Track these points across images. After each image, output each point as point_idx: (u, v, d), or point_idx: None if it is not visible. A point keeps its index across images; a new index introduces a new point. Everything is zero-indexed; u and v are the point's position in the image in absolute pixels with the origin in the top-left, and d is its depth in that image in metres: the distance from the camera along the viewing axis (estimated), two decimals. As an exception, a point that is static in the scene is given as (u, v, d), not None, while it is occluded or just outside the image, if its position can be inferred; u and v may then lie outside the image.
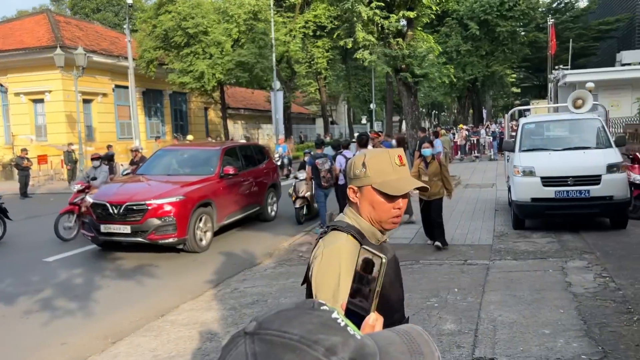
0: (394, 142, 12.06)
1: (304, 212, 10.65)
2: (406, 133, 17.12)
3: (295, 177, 11.07)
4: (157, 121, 27.12)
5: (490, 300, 5.59)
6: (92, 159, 10.81)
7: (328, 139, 26.21)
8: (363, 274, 0.90)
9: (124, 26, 21.51)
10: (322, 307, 0.63)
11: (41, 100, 21.84)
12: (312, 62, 33.24)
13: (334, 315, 0.62)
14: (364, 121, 57.29)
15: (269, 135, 36.31)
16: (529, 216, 8.94)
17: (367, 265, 0.90)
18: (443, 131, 23.76)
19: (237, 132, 34.46)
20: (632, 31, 44.74)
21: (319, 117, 45.20)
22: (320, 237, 1.76)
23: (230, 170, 9.54)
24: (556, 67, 27.96)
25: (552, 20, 29.21)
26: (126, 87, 21.85)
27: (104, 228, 8.30)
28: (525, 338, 4.58)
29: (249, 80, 23.92)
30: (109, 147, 17.76)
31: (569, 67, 28.14)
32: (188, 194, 8.54)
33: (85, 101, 21.93)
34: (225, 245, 9.17)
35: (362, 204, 1.75)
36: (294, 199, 10.63)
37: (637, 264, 6.60)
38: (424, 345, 0.66)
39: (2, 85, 22.54)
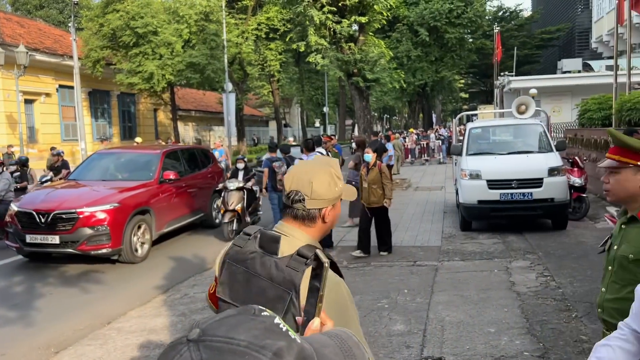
0: (354, 144, 12.25)
1: (233, 227, 9.33)
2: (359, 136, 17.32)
3: (225, 187, 9.71)
4: (104, 122, 26.30)
5: (439, 300, 5.74)
6: None
7: (291, 141, 25.86)
8: (313, 281, 0.91)
9: (69, 24, 20.74)
10: (263, 313, 0.64)
11: (-21, 100, 20.77)
12: (264, 65, 33.11)
13: (276, 320, 0.64)
14: (317, 124, 57.56)
15: (220, 138, 35.88)
16: (476, 218, 9.23)
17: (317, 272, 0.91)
18: (396, 135, 24.19)
19: (188, 134, 33.88)
20: (572, 40, 46.97)
21: (272, 119, 45.10)
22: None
23: (171, 175, 9.07)
24: (502, 73, 29.01)
25: (498, 28, 30.25)
26: (71, 87, 21.07)
27: (29, 238, 7.65)
28: (471, 337, 4.72)
29: (200, 81, 23.57)
30: (52, 149, 17.07)
31: (514, 73, 29.27)
32: (123, 200, 8.03)
33: (27, 101, 21.00)
34: (175, 250, 9.00)
35: (331, 219, 1.69)
36: (222, 211, 9.59)
37: (576, 263, 6.93)
38: (355, 347, 0.68)
39: None
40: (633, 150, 2.09)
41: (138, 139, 21.67)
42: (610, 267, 2.22)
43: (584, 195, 9.56)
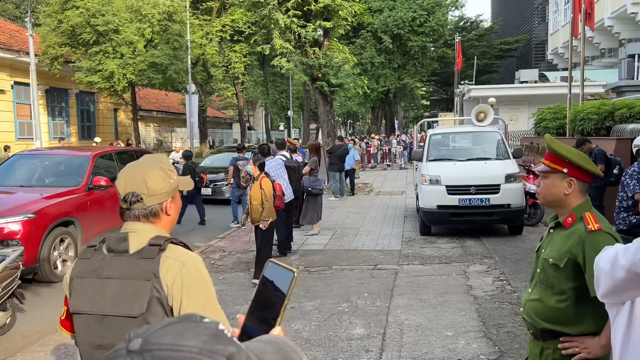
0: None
1: None
2: (322, 140, 17.39)
3: None
4: (61, 121, 25.51)
5: (398, 304, 5.80)
6: None
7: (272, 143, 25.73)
8: (267, 290, 0.89)
9: (26, 19, 20.06)
10: (205, 320, 0.62)
11: None
12: (229, 67, 32.85)
13: (220, 326, 0.62)
14: (281, 127, 57.44)
15: (182, 139, 35.37)
16: (435, 222, 9.39)
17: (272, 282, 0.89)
18: (356, 140, 24.41)
19: (149, 135, 33.25)
20: (529, 51, 48.52)
21: (236, 122, 44.74)
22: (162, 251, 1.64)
23: (102, 180, 8.03)
24: (462, 82, 29.68)
25: (459, 37, 30.97)
26: (27, 85, 20.36)
27: None
28: (429, 340, 4.79)
29: (162, 82, 23.16)
30: (6, 148, 16.47)
31: (474, 82, 29.98)
32: (41, 210, 6.97)
33: (-21, 98, 20.22)
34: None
35: (174, 211, 1.77)
36: None
37: (531, 268, 7.12)
38: (292, 352, 0.68)
39: None
40: (561, 158, 2.19)
41: (97, 139, 21.13)
42: (538, 270, 2.32)
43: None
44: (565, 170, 2.19)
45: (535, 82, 27.97)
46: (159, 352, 0.55)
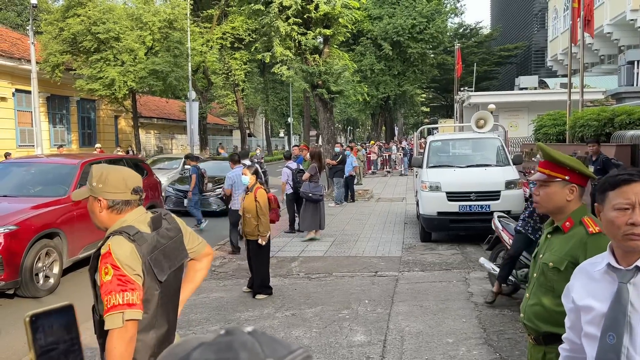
0: (308, 155, 12.25)
1: None
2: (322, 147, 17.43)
3: None
4: (62, 129, 25.57)
5: (399, 311, 5.80)
6: None
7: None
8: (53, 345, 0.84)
9: (27, 27, 20.16)
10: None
11: None
12: (229, 74, 32.94)
13: None
14: (281, 134, 57.55)
15: (183, 146, 35.42)
16: (435, 229, 9.39)
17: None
18: (359, 146, 24.44)
19: (150, 142, 33.30)
20: (528, 58, 48.68)
21: (236, 129, 44.81)
22: None
23: None
24: (462, 88, 29.78)
25: (459, 44, 31.10)
26: (28, 92, 20.43)
27: None
28: (430, 347, 4.79)
29: (163, 89, 23.23)
30: (7, 155, 16.49)
31: (473, 89, 30.08)
32: (24, 222, 6.60)
33: (-20, 105, 20.28)
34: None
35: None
36: None
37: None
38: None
39: None
40: (561, 165, 2.21)
41: (98, 146, 21.14)
42: (535, 275, 2.33)
43: (539, 208, 9.86)
44: (567, 178, 2.21)
45: (535, 88, 28.06)
46: (264, 337, 0.63)
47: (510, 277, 5.81)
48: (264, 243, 6.39)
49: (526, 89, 27.89)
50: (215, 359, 0.59)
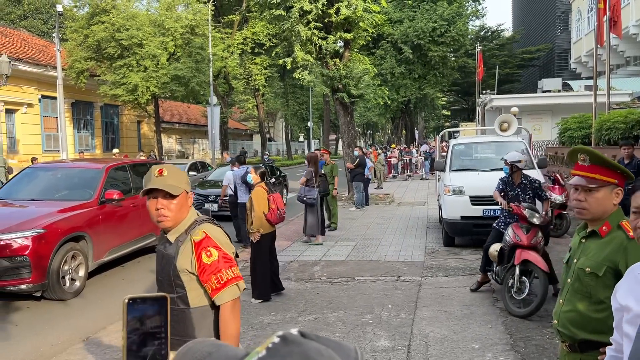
0: (326, 156, 12.30)
1: None
2: (342, 151, 17.42)
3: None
4: (86, 134, 26.03)
5: (423, 316, 5.73)
6: None
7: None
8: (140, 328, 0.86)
9: (53, 35, 20.59)
10: None
11: (-43, 109, 20.44)
12: (250, 79, 33.21)
13: None
14: (301, 139, 57.72)
15: (204, 151, 35.78)
16: (459, 233, 9.27)
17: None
18: (379, 150, 24.34)
19: (172, 146, 33.69)
20: (551, 60, 48.01)
21: (257, 133, 45.09)
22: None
23: (114, 194, 7.78)
24: (483, 91, 29.50)
25: (480, 47, 30.83)
26: (54, 98, 20.86)
27: None
28: (455, 353, 4.72)
29: (184, 94, 23.51)
30: (33, 160, 16.83)
31: (495, 92, 29.75)
32: (50, 225, 6.68)
33: (8, 111, 20.72)
34: (153, 264, 8.86)
35: None
36: None
37: (558, 279, 6.99)
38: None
39: None
40: (612, 169, 2.14)
41: (116, 150, 21.46)
42: (568, 280, 2.26)
43: (565, 212, 9.69)
44: (616, 182, 2.14)
45: (559, 91, 27.64)
46: (325, 340, 0.60)
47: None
48: (254, 240, 6.53)
49: (549, 91, 27.48)
50: None
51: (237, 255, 2.30)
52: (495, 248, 6.25)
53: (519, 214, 6.03)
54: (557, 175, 10.22)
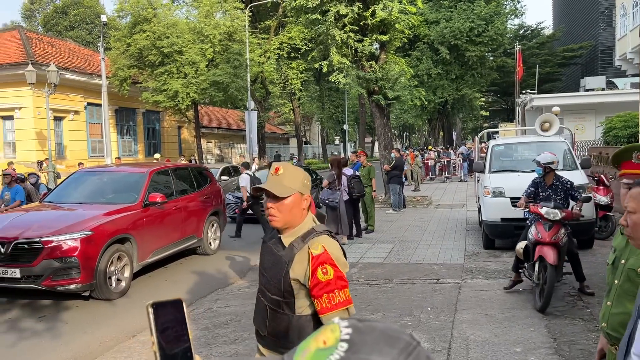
0: (363, 158, 12.26)
1: None
2: (379, 153, 17.37)
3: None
4: (129, 139, 26.83)
5: (463, 318, 5.68)
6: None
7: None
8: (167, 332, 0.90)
9: (98, 44, 21.35)
10: None
11: (11, 117, 21.40)
12: (286, 83, 33.51)
13: None
14: (337, 142, 57.77)
15: (242, 155, 36.24)
16: (499, 236, 9.12)
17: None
18: (416, 152, 24.15)
19: (211, 151, 34.30)
20: (594, 58, 46.57)
21: (293, 137, 45.42)
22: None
23: (158, 197, 8.02)
24: (523, 91, 28.86)
25: (519, 46, 30.19)
26: (99, 105, 21.62)
27: None
28: (497, 356, 4.66)
29: (223, 99, 23.95)
30: (79, 165, 17.48)
31: (536, 91, 29.07)
32: (97, 228, 6.95)
33: (57, 118, 21.58)
34: (197, 265, 9.08)
35: None
36: None
37: (604, 282, 6.79)
38: None
39: (-31, 101, 22.00)
40: None
41: (157, 156, 22.02)
42: (616, 281, 2.21)
43: (611, 213, 9.40)
44: None
45: (603, 89, 26.81)
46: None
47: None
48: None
49: (593, 90, 26.68)
50: None
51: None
52: (520, 246, 6.30)
53: (536, 213, 6.12)
54: (602, 175, 9.92)
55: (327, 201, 9.92)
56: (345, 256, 2.17)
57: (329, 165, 10.81)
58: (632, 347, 1.66)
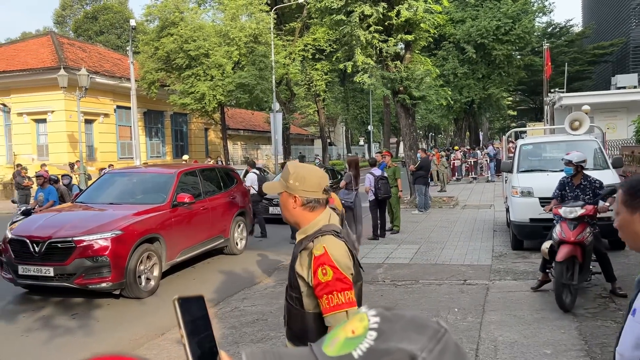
0: (388, 158, 12.23)
1: None
2: (403, 154, 17.28)
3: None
4: (157, 141, 27.28)
5: (491, 320, 5.62)
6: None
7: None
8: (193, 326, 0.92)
9: (127, 48, 21.77)
10: None
11: (44, 120, 22.01)
12: (311, 84, 33.60)
13: None
14: (361, 142, 57.67)
15: (267, 156, 36.49)
16: (528, 236, 8.98)
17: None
18: (442, 153, 23.94)
19: (237, 152, 34.62)
20: (626, 55, 45.43)
21: (318, 138, 45.48)
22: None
23: (186, 197, 8.16)
24: (552, 90, 28.30)
25: (548, 44, 29.65)
26: (128, 108, 22.06)
27: (22, 269, 6.90)
28: (526, 358, 4.60)
29: (249, 101, 24.16)
30: (109, 166, 17.87)
31: (565, 90, 28.50)
32: (127, 227, 7.09)
33: (87, 121, 22.09)
34: (225, 264, 9.18)
35: None
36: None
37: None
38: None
39: (5, 105, 22.71)
40: None
41: (185, 157, 22.33)
42: None
43: (644, 214, 9.16)
44: None
45: (635, 87, 26.12)
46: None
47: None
48: None
49: (624, 88, 26.01)
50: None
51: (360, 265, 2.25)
52: (545, 245, 6.23)
53: (556, 214, 6.14)
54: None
55: (343, 201, 9.93)
56: (353, 258, 2.15)
57: (347, 165, 10.82)
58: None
